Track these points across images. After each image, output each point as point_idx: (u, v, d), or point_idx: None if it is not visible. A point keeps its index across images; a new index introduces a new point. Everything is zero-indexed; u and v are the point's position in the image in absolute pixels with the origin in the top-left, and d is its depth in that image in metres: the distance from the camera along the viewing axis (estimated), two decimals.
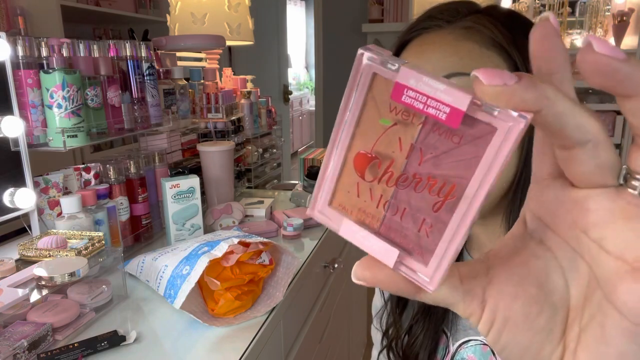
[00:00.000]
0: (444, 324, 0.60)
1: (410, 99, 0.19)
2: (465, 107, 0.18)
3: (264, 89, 2.05)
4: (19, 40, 0.90)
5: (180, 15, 1.73)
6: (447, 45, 0.51)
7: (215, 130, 1.48)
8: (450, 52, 0.51)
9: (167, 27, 1.81)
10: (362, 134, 0.21)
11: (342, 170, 0.22)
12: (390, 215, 0.21)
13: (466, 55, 0.50)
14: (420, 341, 0.60)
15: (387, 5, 3.53)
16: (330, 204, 0.23)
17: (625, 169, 0.20)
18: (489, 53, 0.50)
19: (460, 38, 0.51)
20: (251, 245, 0.85)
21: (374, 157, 0.21)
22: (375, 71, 0.20)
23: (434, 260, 0.20)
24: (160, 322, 0.81)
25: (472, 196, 0.19)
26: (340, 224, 0.22)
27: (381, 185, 0.21)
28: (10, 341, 0.67)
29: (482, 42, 0.50)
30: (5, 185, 0.90)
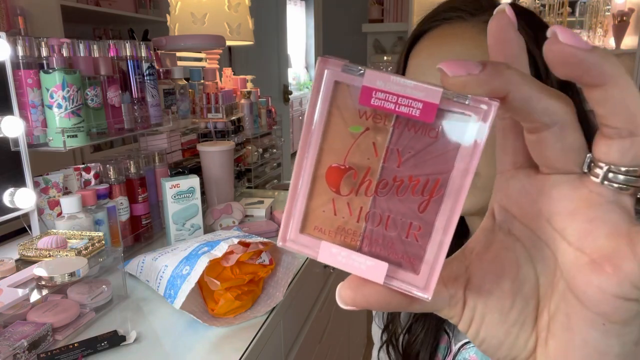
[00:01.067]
0: (445, 323, 0.60)
1: (380, 100, 0.19)
2: (438, 99, 0.18)
3: (264, 89, 2.05)
4: (19, 40, 0.90)
5: (180, 15, 1.73)
6: (470, 38, 0.51)
7: (215, 130, 1.48)
8: (473, 46, 0.50)
9: (167, 27, 1.81)
10: (331, 146, 0.20)
11: (312, 190, 0.21)
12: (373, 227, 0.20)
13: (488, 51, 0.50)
14: (420, 339, 0.59)
15: (387, 5, 3.53)
16: (302, 230, 0.22)
17: (590, 157, 0.20)
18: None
19: (483, 32, 0.50)
20: (251, 245, 0.85)
21: (348, 168, 0.20)
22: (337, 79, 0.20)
23: (425, 267, 0.20)
24: (160, 322, 0.81)
25: (457, 188, 0.19)
26: (317, 249, 0.21)
27: (360, 197, 0.20)
28: (10, 341, 0.67)
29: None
30: (5, 185, 0.90)
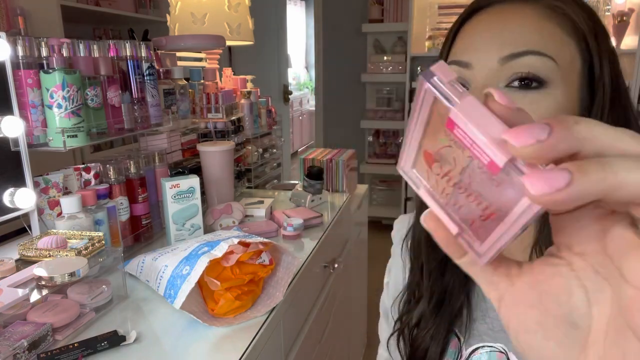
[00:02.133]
0: (457, 326, 0.58)
1: (460, 135, 0.22)
2: (502, 165, 0.20)
3: (264, 89, 2.05)
4: (19, 40, 0.90)
5: (180, 15, 1.73)
6: (529, 21, 0.48)
7: (215, 130, 1.48)
8: (532, 29, 0.48)
9: (167, 27, 1.81)
10: (429, 135, 0.25)
11: (417, 155, 0.26)
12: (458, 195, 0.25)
13: (548, 37, 0.47)
14: (429, 336, 0.58)
15: (387, 5, 3.53)
16: (413, 166, 0.27)
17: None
18: (568, 40, 0.48)
19: (543, 17, 0.48)
20: (251, 246, 0.85)
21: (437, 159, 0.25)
22: (435, 96, 0.23)
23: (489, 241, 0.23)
24: (160, 322, 0.81)
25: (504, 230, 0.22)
26: (419, 187, 0.27)
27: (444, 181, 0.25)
28: (10, 341, 0.67)
29: (564, 26, 0.48)
30: (5, 185, 0.90)
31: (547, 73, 0.46)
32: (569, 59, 0.47)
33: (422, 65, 3.42)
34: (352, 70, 3.79)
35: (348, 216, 1.59)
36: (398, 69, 3.56)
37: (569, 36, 0.47)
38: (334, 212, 1.40)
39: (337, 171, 1.61)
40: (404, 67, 3.49)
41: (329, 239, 1.28)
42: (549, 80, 0.46)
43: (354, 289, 1.75)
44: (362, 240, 1.93)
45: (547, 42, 0.47)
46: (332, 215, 1.37)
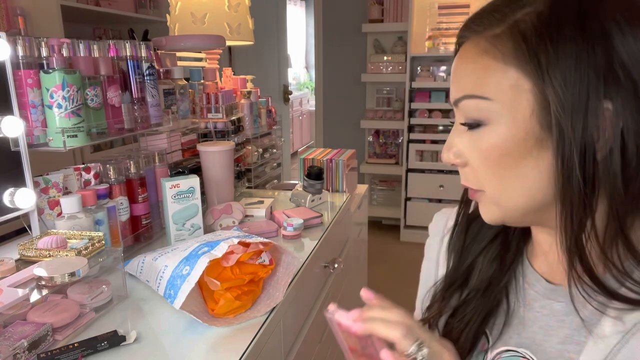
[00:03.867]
0: (489, 325, 0.57)
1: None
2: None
3: (264, 89, 2.05)
4: (19, 40, 0.90)
5: (180, 15, 1.73)
6: (468, 61, 0.49)
7: (215, 130, 1.48)
8: (468, 71, 0.48)
9: (167, 27, 1.81)
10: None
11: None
12: None
13: (482, 74, 0.47)
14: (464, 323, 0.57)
15: (387, 5, 3.53)
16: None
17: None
18: (505, 68, 0.45)
19: (482, 51, 0.47)
20: (251, 246, 0.85)
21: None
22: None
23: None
24: (160, 322, 0.81)
25: None
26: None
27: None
28: (10, 341, 0.67)
29: (505, 53, 0.45)
30: (5, 185, 0.90)
31: (480, 114, 0.47)
32: (510, 88, 0.45)
33: (422, 65, 3.42)
34: (352, 70, 3.80)
35: (348, 216, 1.59)
36: (398, 69, 3.56)
37: (506, 64, 0.45)
38: (334, 212, 1.40)
39: (337, 171, 1.61)
40: (404, 67, 3.49)
41: (329, 239, 1.28)
42: (484, 119, 0.47)
43: (354, 289, 1.75)
44: (362, 240, 1.93)
45: (480, 81, 0.47)
46: (332, 215, 1.37)
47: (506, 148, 0.46)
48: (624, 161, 0.43)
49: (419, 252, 0.84)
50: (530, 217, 0.50)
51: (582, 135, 0.42)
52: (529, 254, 0.58)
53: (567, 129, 0.43)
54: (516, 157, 0.46)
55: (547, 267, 0.55)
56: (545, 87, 0.43)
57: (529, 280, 0.56)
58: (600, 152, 0.43)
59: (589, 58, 0.42)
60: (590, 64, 0.42)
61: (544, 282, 0.54)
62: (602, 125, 0.43)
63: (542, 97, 0.44)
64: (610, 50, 0.42)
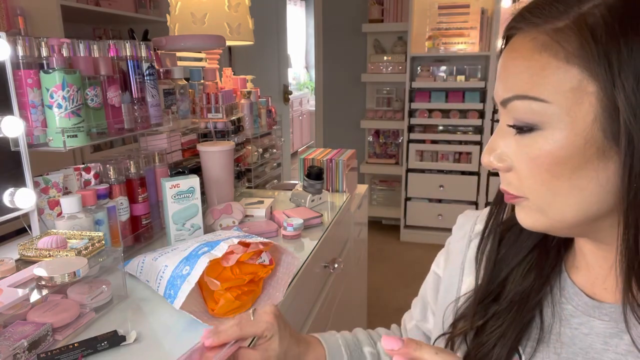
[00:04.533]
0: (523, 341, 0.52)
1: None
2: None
3: (264, 89, 2.05)
4: (19, 40, 0.90)
5: (180, 15, 1.73)
6: (523, 57, 0.43)
7: (215, 130, 1.48)
8: (523, 68, 0.43)
9: (167, 27, 1.81)
10: None
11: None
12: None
13: (539, 73, 0.42)
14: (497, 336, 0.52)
15: (387, 5, 3.53)
16: None
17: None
18: (567, 68, 0.40)
19: (539, 48, 0.42)
20: (251, 246, 0.85)
21: None
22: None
23: None
24: (160, 322, 0.81)
25: None
26: None
27: None
28: (10, 341, 0.67)
29: (569, 50, 0.40)
30: (5, 185, 0.90)
31: (534, 117, 0.43)
32: (571, 90, 0.40)
33: (422, 65, 3.42)
34: (352, 70, 3.80)
35: (348, 216, 1.59)
36: (398, 69, 3.56)
37: (569, 63, 0.40)
38: (334, 212, 1.40)
39: (337, 171, 1.61)
40: (404, 67, 3.49)
41: (329, 239, 1.28)
42: (539, 123, 0.42)
43: (354, 289, 1.75)
44: (362, 240, 1.93)
45: (536, 80, 0.42)
46: (332, 215, 1.37)
47: (562, 156, 0.42)
48: None
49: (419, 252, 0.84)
50: (579, 230, 0.46)
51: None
52: (568, 265, 0.53)
53: (638, 139, 0.38)
54: (572, 167, 0.42)
55: (588, 281, 0.50)
56: (615, 92, 0.39)
57: (567, 294, 0.51)
58: None
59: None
60: None
61: (584, 297, 0.49)
62: None
63: (608, 102, 0.39)
64: None
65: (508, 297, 0.53)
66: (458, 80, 3.29)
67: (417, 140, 3.40)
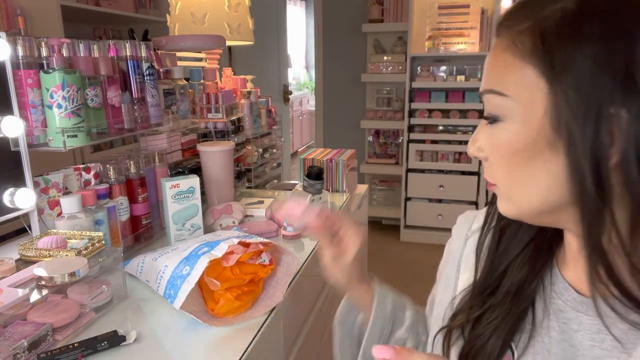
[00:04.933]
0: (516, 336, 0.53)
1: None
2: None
3: (264, 89, 2.05)
4: (19, 40, 0.90)
5: (180, 15, 1.73)
6: (493, 56, 0.48)
7: (215, 130, 1.48)
8: (492, 65, 0.48)
9: (167, 27, 1.81)
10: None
11: None
12: None
13: (502, 70, 0.47)
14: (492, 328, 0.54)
15: (387, 5, 3.53)
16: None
17: None
18: (523, 65, 0.45)
19: (505, 48, 0.47)
20: (251, 246, 0.85)
21: None
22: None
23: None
24: (160, 322, 0.81)
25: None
26: None
27: None
28: (10, 341, 0.67)
29: (524, 51, 0.45)
30: (5, 185, 0.90)
31: (497, 109, 0.48)
32: (526, 87, 0.45)
33: (422, 65, 3.42)
34: (352, 70, 3.79)
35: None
36: (398, 69, 3.56)
37: (524, 61, 0.45)
38: None
39: (337, 171, 1.61)
40: (404, 67, 3.49)
41: None
42: (502, 115, 0.47)
43: None
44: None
45: (501, 77, 0.47)
46: None
47: (517, 147, 0.46)
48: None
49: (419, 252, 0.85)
50: (548, 218, 0.49)
51: (593, 140, 0.41)
52: (559, 260, 0.54)
53: (577, 133, 0.42)
54: (526, 156, 0.46)
55: (576, 276, 0.51)
56: (558, 89, 0.42)
57: (557, 288, 0.52)
58: (613, 158, 0.42)
59: (607, 62, 0.40)
60: (607, 68, 0.40)
61: (572, 292, 0.50)
62: (616, 131, 0.41)
63: (555, 98, 0.43)
64: (631, 56, 0.40)
65: (503, 289, 0.55)
66: (458, 80, 3.29)
67: (417, 140, 3.40)
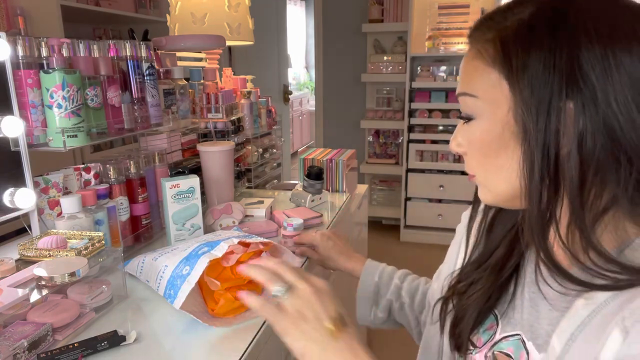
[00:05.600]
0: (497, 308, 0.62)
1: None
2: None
3: (264, 89, 2.05)
4: (19, 40, 0.90)
5: (180, 15, 1.73)
6: (465, 62, 0.56)
7: (215, 130, 1.48)
8: (464, 71, 0.56)
9: (167, 27, 1.81)
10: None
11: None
12: None
13: (472, 74, 0.54)
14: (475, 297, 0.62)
15: (387, 5, 3.53)
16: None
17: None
18: (488, 70, 0.52)
19: (474, 55, 0.54)
20: (251, 246, 0.85)
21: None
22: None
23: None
24: (160, 322, 0.81)
25: None
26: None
27: None
28: (10, 341, 0.67)
29: (489, 57, 0.52)
30: (5, 185, 0.90)
31: (471, 109, 0.55)
32: (492, 88, 0.52)
33: (422, 65, 3.42)
34: (352, 70, 3.79)
35: (348, 216, 1.58)
36: (398, 69, 3.56)
37: (489, 66, 0.52)
38: (334, 212, 1.40)
39: (337, 171, 1.61)
40: (404, 67, 3.49)
41: None
42: (474, 114, 0.55)
43: (354, 289, 1.74)
44: (362, 240, 1.93)
45: (471, 81, 0.54)
46: (332, 215, 1.37)
47: (487, 140, 0.54)
48: (582, 159, 0.47)
49: (419, 252, 0.85)
50: (519, 202, 0.54)
51: (545, 131, 0.47)
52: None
53: (530, 126, 0.48)
54: (495, 148, 0.53)
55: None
56: (517, 88, 0.49)
57: (530, 262, 0.60)
58: (564, 149, 0.48)
59: (554, 61, 0.47)
60: (555, 67, 0.47)
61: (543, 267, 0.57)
62: (565, 124, 0.47)
63: (514, 96, 0.50)
64: (575, 57, 0.46)
65: (488, 265, 0.63)
66: (458, 80, 3.28)
67: (417, 140, 3.40)
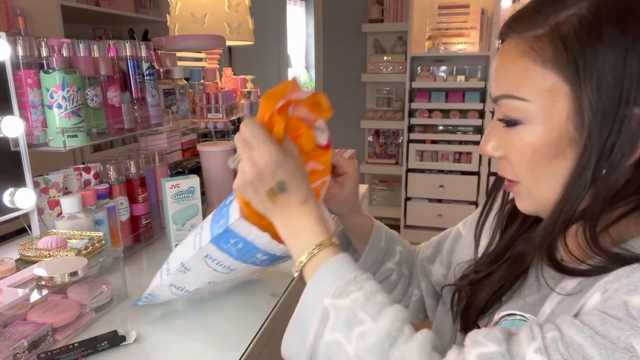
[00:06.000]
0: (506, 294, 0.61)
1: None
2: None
3: (264, 89, 2.04)
4: (19, 40, 0.90)
5: (180, 15, 1.73)
6: (507, 61, 0.50)
7: (215, 130, 1.48)
8: (508, 71, 0.50)
9: (167, 27, 1.81)
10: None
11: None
12: None
13: (520, 75, 0.49)
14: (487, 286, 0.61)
15: (387, 5, 3.53)
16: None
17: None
18: (544, 72, 0.47)
19: (521, 53, 0.48)
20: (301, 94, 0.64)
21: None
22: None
23: None
24: (160, 322, 0.81)
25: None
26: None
27: None
28: (10, 341, 0.67)
29: (544, 57, 0.47)
30: (5, 185, 0.90)
31: (517, 113, 0.50)
32: (547, 91, 0.47)
33: (422, 65, 3.42)
34: (352, 70, 3.79)
35: None
36: (398, 69, 3.56)
37: (545, 67, 0.47)
38: None
39: None
40: (404, 67, 3.49)
41: None
42: (522, 119, 0.49)
43: None
44: None
45: (518, 82, 0.49)
46: (331, 215, 1.37)
47: (540, 147, 0.49)
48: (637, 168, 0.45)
49: None
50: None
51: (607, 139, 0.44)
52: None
53: (595, 132, 0.44)
54: (549, 156, 0.49)
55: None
56: (581, 93, 0.45)
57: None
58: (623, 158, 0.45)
59: (625, 64, 0.43)
60: (625, 70, 0.43)
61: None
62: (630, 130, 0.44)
63: (577, 101, 0.45)
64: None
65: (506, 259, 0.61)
66: (458, 80, 3.29)
67: (417, 140, 3.40)
